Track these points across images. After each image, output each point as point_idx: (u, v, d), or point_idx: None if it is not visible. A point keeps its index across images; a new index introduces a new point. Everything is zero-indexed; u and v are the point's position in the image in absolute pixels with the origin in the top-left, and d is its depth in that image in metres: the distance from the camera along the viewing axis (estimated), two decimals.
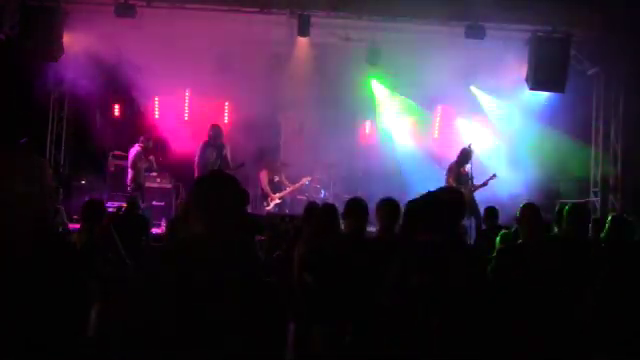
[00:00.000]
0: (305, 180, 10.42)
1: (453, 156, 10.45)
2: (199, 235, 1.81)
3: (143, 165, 9.88)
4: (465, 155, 9.39)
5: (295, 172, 10.62)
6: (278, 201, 10.34)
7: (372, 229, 4.71)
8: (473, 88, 11.30)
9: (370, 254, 3.67)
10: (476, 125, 11.72)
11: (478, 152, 10.06)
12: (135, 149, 9.85)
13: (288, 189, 10.40)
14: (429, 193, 3.05)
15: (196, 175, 9.46)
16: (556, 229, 4.51)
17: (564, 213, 4.03)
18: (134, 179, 9.64)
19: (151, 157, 10.10)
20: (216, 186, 1.89)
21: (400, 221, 3.97)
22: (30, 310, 1.65)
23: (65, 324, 1.76)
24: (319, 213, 4.47)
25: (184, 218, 1.93)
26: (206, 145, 9.63)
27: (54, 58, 9.61)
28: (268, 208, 10.23)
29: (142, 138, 10.01)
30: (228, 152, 9.68)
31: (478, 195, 9.00)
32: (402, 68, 10.18)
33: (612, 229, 4.58)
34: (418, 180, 10.63)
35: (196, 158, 9.66)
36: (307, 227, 4.70)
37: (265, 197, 10.40)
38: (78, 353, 1.88)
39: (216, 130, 9.71)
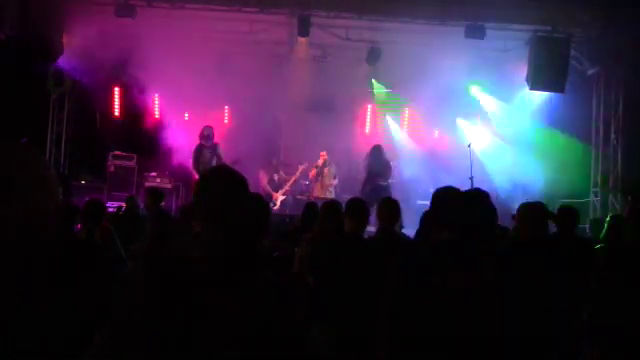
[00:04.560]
0: (302, 168, 10.43)
1: (453, 156, 10.47)
2: (204, 235, 1.79)
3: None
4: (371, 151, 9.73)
5: (294, 170, 10.63)
6: (282, 197, 10.37)
7: (371, 229, 4.71)
8: (473, 88, 11.29)
9: (370, 254, 3.68)
10: (476, 125, 11.72)
11: (478, 152, 10.06)
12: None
13: (289, 182, 10.44)
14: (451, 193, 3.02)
15: (195, 178, 9.47)
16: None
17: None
18: None
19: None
20: (225, 183, 1.85)
21: (399, 221, 3.99)
22: (49, 310, 1.64)
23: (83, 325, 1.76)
24: (323, 208, 4.46)
25: (190, 216, 1.89)
26: (200, 147, 9.64)
27: (54, 58, 9.61)
28: (275, 208, 10.25)
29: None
30: (221, 151, 9.63)
31: None
32: (402, 68, 10.18)
33: (612, 229, 4.58)
34: (418, 180, 10.65)
35: (192, 161, 9.70)
36: (307, 227, 4.70)
37: (269, 197, 10.42)
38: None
39: (208, 131, 9.70)
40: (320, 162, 10.28)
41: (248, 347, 1.67)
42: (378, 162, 9.49)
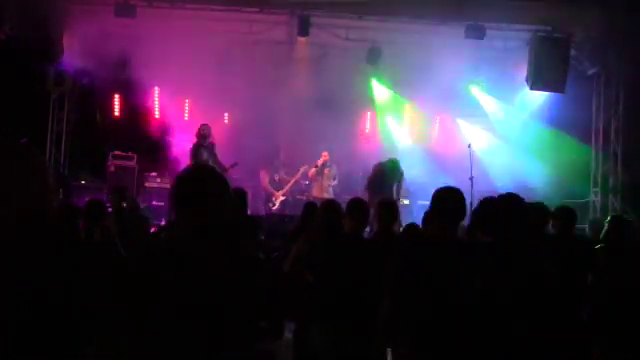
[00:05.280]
0: (303, 169, 10.42)
1: (453, 156, 10.46)
2: (181, 234, 1.83)
3: None
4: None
5: (295, 171, 10.64)
6: (282, 198, 10.39)
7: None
8: (473, 88, 11.29)
9: (369, 254, 3.68)
10: (476, 125, 11.72)
11: (478, 152, 10.06)
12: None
13: (289, 183, 10.45)
14: (497, 197, 3.04)
15: None
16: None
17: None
18: None
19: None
20: (198, 181, 1.91)
21: (397, 221, 4.00)
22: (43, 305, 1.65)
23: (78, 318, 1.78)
24: (321, 208, 4.46)
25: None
26: (198, 146, 9.28)
27: (54, 58, 9.62)
28: (275, 208, 10.26)
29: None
30: (217, 151, 9.35)
31: (478, 195, 8.97)
32: (402, 68, 10.18)
33: (612, 229, 4.58)
34: (417, 180, 10.63)
35: (189, 161, 9.33)
36: (306, 226, 4.70)
37: (269, 197, 10.42)
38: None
39: (206, 130, 9.34)
40: (320, 162, 10.25)
41: (222, 323, 1.71)
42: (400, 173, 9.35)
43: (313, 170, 10.29)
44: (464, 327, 2.65)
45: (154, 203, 10.24)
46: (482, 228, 2.77)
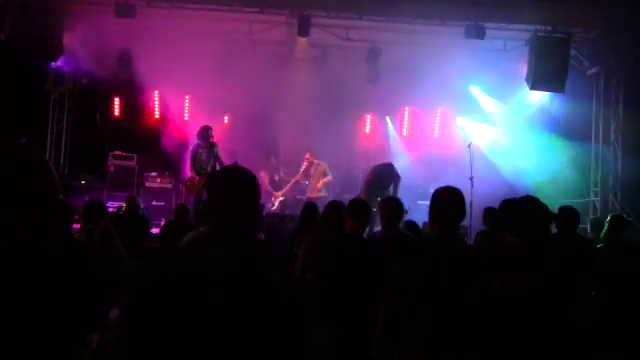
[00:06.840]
0: (302, 170, 10.43)
1: (453, 156, 10.46)
2: (210, 233, 1.79)
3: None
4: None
5: (295, 171, 10.65)
6: (281, 198, 10.42)
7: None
8: (473, 88, 11.29)
9: (372, 254, 3.68)
10: (476, 125, 11.72)
11: (477, 152, 10.06)
12: None
13: (289, 183, 10.47)
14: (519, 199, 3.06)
15: (187, 177, 9.52)
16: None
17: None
18: None
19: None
20: (234, 182, 1.87)
21: (401, 220, 4.01)
22: (47, 309, 1.64)
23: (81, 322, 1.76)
24: (324, 209, 4.46)
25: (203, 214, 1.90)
26: (197, 146, 9.30)
27: (54, 58, 9.62)
28: (274, 208, 10.27)
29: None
30: (220, 151, 9.31)
31: (478, 195, 8.97)
32: (402, 68, 10.18)
33: (612, 229, 4.59)
34: (417, 180, 10.64)
35: (188, 160, 9.43)
36: (305, 227, 4.70)
37: (269, 198, 10.43)
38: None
39: (206, 131, 9.33)
40: (305, 165, 10.27)
41: (253, 348, 1.66)
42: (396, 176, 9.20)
43: (303, 175, 10.37)
44: (465, 327, 2.65)
45: (154, 203, 10.24)
46: (509, 230, 2.79)
